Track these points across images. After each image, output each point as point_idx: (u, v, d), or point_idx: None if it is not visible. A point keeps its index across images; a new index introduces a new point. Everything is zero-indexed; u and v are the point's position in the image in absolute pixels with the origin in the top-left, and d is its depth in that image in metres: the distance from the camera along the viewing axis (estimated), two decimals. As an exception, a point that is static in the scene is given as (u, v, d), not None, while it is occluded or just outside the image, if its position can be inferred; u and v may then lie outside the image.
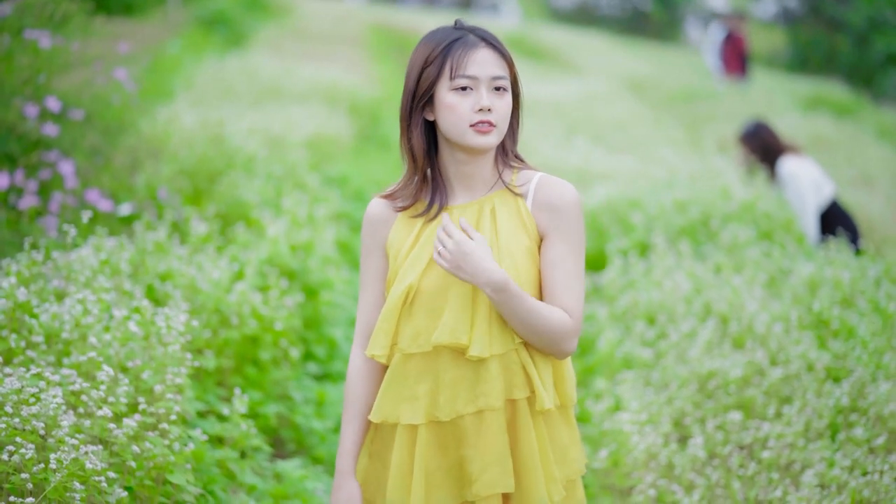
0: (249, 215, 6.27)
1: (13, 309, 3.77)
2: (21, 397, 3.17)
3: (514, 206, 2.77)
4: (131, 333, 3.81)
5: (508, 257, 2.70)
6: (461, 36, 2.74)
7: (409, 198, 2.81)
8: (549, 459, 2.74)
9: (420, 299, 2.74)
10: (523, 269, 2.71)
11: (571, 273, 2.72)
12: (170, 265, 4.72)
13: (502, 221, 2.75)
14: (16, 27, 6.44)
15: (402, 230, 2.81)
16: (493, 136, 2.71)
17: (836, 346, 4.82)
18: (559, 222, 2.73)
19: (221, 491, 3.85)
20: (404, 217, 2.82)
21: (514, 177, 2.81)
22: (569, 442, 2.81)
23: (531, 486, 2.72)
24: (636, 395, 4.67)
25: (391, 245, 2.82)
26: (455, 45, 2.73)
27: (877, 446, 4.13)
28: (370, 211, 2.87)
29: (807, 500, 3.79)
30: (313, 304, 5.74)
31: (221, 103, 9.53)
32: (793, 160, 7.59)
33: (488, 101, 2.69)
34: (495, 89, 2.72)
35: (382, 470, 2.81)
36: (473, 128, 2.70)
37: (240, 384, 4.64)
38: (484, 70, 2.70)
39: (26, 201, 5.74)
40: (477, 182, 2.79)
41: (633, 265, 6.21)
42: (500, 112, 2.72)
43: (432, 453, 2.74)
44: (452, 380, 2.71)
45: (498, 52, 2.74)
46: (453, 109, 2.70)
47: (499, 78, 2.71)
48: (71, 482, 3.02)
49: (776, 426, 4.22)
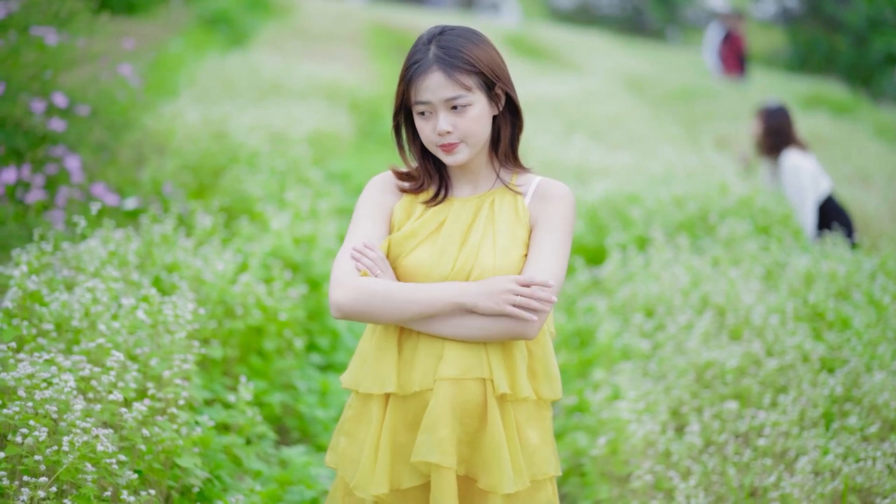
0: (253, 209, 6.35)
1: (23, 298, 3.85)
2: (33, 382, 3.24)
3: (512, 202, 2.88)
4: (139, 322, 3.89)
5: (501, 249, 2.80)
6: (422, 57, 2.79)
7: (417, 185, 2.91)
8: (516, 449, 2.80)
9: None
10: (513, 260, 2.80)
11: (549, 250, 2.79)
12: (176, 257, 4.80)
13: (499, 215, 2.85)
14: (22, 24, 6.51)
15: (405, 209, 2.90)
16: (461, 152, 2.80)
17: (830, 337, 4.90)
18: (547, 212, 2.84)
19: (228, 476, 3.92)
20: (408, 197, 2.92)
21: (514, 178, 2.91)
22: (539, 443, 2.86)
23: (491, 469, 2.77)
24: (634, 385, 4.74)
25: (396, 216, 2.90)
26: (413, 68, 2.80)
27: (870, 434, 4.20)
28: (381, 178, 2.95)
29: (801, 486, 3.86)
30: (316, 296, 5.82)
31: (224, 100, 9.61)
32: (797, 154, 7.64)
33: (445, 124, 2.76)
34: (453, 108, 2.77)
35: (358, 448, 2.87)
36: (440, 148, 2.80)
37: (245, 373, 4.71)
38: (436, 94, 2.76)
39: (33, 195, 5.82)
40: (478, 177, 2.91)
41: (631, 259, 6.29)
42: (463, 129, 2.77)
43: (401, 427, 2.82)
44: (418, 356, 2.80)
45: (450, 70, 2.76)
46: (421, 131, 2.82)
47: (452, 99, 2.76)
48: (83, 464, 3.08)
49: (772, 415, 4.28)
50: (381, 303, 2.73)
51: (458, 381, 2.77)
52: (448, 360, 2.77)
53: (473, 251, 2.80)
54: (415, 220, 2.87)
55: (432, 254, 2.82)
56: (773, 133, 7.71)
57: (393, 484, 2.82)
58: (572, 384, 5.47)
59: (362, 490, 2.80)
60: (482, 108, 2.80)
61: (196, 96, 9.63)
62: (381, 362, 2.82)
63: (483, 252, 2.80)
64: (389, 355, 2.82)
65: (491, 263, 2.78)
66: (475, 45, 2.81)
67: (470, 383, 2.78)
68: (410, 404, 2.81)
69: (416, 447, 2.77)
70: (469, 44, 2.80)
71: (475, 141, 2.81)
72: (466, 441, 2.81)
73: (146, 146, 7.19)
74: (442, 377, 2.77)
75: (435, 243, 2.83)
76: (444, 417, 2.76)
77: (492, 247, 2.80)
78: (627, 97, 14.81)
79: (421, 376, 2.79)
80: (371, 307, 2.74)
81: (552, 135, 10.50)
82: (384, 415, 2.83)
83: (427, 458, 2.75)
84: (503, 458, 2.77)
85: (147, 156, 7.05)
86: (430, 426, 2.76)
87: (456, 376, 2.77)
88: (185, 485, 3.64)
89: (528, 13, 34.48)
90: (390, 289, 2.74)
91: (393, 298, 2.73)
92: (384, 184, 2.93)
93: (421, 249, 2.83)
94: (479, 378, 2.78)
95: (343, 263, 2.79)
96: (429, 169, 2.91)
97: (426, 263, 2.81)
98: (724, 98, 15.08)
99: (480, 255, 2.79)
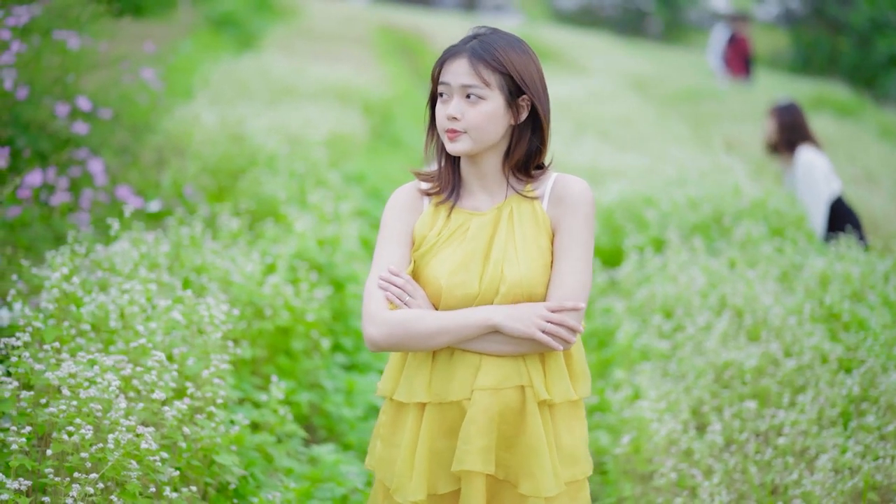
0: (277, 211, 6.44)
1: (59, 299, 3.94)
2: (77, 381, 3.32)
3: (530, 209, 2.87)
4: (175, 322, 3.97)
5: (525, 261, 2.80)
6: (460, 46, 2.83)
7: (436, 185, 2.93)
8: (553, 452, 2.82)
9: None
10: (539, 271, 2.80)
11: (570, 261, 2.80)
12: (204, 259, 4.88)
13: (520, 226, 2.84)
14: (45, 28, 6.59)
15: (427, 223, 2.90)
16: (462, 142, 2.81)
17: (847, 337, 4.98)
18: (568, 215, 2.84)
19: (261, 473, 4.01)
20: (432, 206, 2.93)
21: (528, 184, 2.90)
22: (576, 443, 2.88)
23: (537, 474, 2.79)
24: (654, 385, 4.81)
25: (417, 232, 2.90)
26: (447, 52, 2.84)
27: (887, 433, 4.26)
28: (400, 197, 2.95)
29: (822, 483, 3.92)
30: (340, 297, 5.91)
31: (238, 102, 9.69)
32: (811, 151, 7.69)
33: (455, 109, 2.79)
34: (467, 97, 2.79)
35: (394, 453, 2.90)
36: (446, 133, 2.82)
37: (273, 373, 4.80)
38: (455, 78, 2.79)
39: (58, 198, 5.90)
40: (490, 182, 2.90)
41: (648, 260, 6.36)
42: (470, 120, 2.78)
43: (437, 435, 2.84)
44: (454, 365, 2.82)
45: (476, 61, 2.78)
46: (437, 114, 2.85)
47: (469, 87, 2.78)
48: (127, 461, 3.15)
49: (791, 414, 4.35)
50: (413, 337, 2.77)
51: (497, 391, 2.80)
52: (486, 370, 2.80)
53: (498, 267, 2.80)
54: (437, 234, 2.88)
55: (459, 272, 2.82)
56: (788, 129, 7.71)
57: (430, 490, 2.86)
58: (593, 384, 5.54)
59: (400, 496, 2.84)
60: (496, 107, 2.79)
61: (211, 98, 9.71)
62: (415, 372, 2.86)
63: (508, 267, 2.80)
64: (424, 365, 2.85)
65: (517, 277, 2.79)
66: (513, 49, 2.81)
67: (508, 391, 2.81)
68: (447, 412, 2.84)
69: (456, 456, 2.80)
70: (507, 46, 2.81)
71: (479, 136, 2.80)
72: (504, 445, 2.83)
73: (166, 149, 7.28)
74: (480, 387, 2.79)
75: (459, 261, 2.83)
76: (482, 427, 2.79)
77: (515, 260, 2.80)
78: (633, 98, 14.89)
79: (459, 386, 2.81)
80: (403, 341, 2.78)
81: (561, 136, 10.58)
82: (420, 422, 2.85)
83: (469, 467, 2.78)
84: (544, 462, 2.79)
85: (168, 158, 7.14)
86: (470, 436, 2.78)
87: (494, 386, 2.79)
88: (222, 482, 3.73)
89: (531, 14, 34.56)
90: (420, 321, 2.77)
91: (423, 332, 2.77)
92: (405, 201, 2.94)
93: (445, 267, 2.83)
94: (517, 386, 2.82)
95: (373, 294, 2.83)
96: (447, 167, 2.92)
97: (454, 283, 2.81)
98: (729, 99, 15.15)
99: (505, 271, 2.79)
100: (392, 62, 18.46)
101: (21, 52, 5.97)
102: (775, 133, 7.77)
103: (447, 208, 2.90)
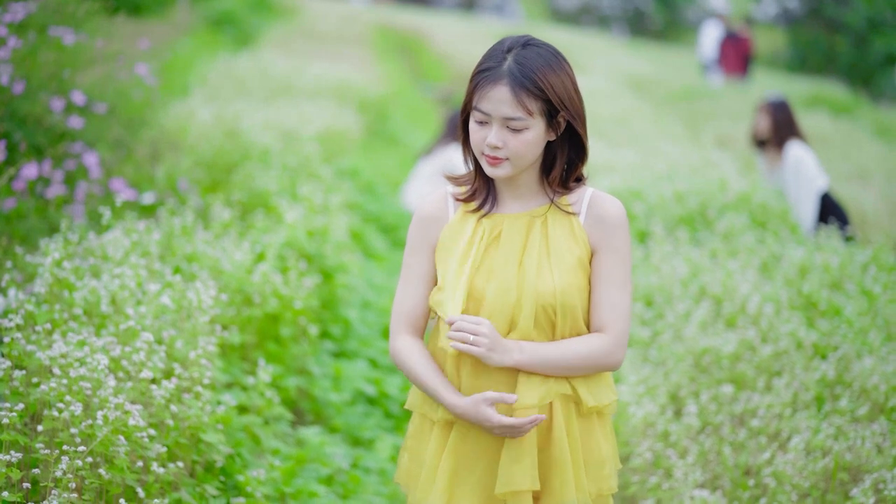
0: (268, 203, 6.56)
1: (52, 285, 4.06)
2: (67, 361, 3.44)
3: (566, 223, 2.83)
4: (164, 307, 4.09)
5: (558, 269, 2.78)
6: (495, 65, 2.74)
7: (469, 191, 2.89)
8: (580, 465, 2.79)
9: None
10: (574, 280, 2.78)
11: (617, 286, 2.80)
12: (195, 247, 5.00)
13: (554, 235, 2.81)
14: (41, 25, 6.70)
15: (455, 231, 2.87)
16: (504, 168, 2.77)
17: (823, 325, 5.09)
18: (609, 238, 2.82)
19: (248, 453, 4.13)
20: (460, 213, 2.89)
21: (564, 197, 2.86)
22: (606, 457, 2.85)
23: (560, 488, 2.77)
24: (635, 370, 4.93)
25: (442, 242, 2.87)
26: (484, 75, 2.75)
27: (860, 416, 4.37)
28: (424, 209, 2.91)
29: (793, 463, 4.02)
30: (329, 286, 6.04)
31: (235, 99, 9.82)
32: (801, 146, 7.80)
33: (496, 138, 2.73)
34: (508, 126, 2.74)
35: (418, 465, 2.89)
36: (485, 157, 2.77)
37: (262, 359, 4.91)
38: (497, 109, 2.72)
39: (53, 190, 6.00)
40: (523, 190, 2.86)
41: (632, 251, 6.47)
42: (512, 148, 2.74)
43: (463, 450, 2.81)
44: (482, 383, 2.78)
45: (518, 90, 2.71)
46: (473, 135, 2.79)
47: (511, 119, 2.72)
48: (116, 437, 3.26)
49: (766, 398, 4.45)
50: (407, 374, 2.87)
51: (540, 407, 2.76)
52: (526, 386, 2.76)
53: (532, 275, 2.77)
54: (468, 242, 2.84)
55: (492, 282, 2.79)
56: (782, 126, 7.85)
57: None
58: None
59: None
60: (538, 133, 2.75)
61: (207, 96, 9.84)
62: None
63: (542, 276, 2.77)
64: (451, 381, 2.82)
65: (551, 287, 2.76)
66: (552, 69, 2.74)
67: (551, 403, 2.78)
68: (474, 427, 2.79)
69: (503, 478, 2.75)
70: (546, 67, 2.74)
71: (521, 162, 2.77)
72: None
73: (161, 143, 7.40)
74: (525, 405, 2.74)
75: (491, 271, 2.80)
76: (528, 445, 2.76)
77: (549, 269, 2.78)
78: (630, 97, 15.00)
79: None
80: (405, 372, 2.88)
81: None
82: (446, 438, 2.83)
83: (518, 487, 2.75)
84: (566, 476, 2.77)
85: (162, 153, 7.26)
86: (517, 456, 2.75)
87: (537, 403, 2.75)
88: (209, 460, 3.84)
89: (530, 14, 34.68)
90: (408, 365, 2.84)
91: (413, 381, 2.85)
92: (427, 216, 2.90)
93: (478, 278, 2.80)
94: (562, 395, 2.79)
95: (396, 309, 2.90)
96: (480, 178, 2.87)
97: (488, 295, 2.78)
98: (725, 98, 15.26)
99: (539, 280, 2.77)
100: (391, 61, 18.59)
101: (17, 47, 6.08)
102: (769, 130, 7.88)
103: (478, 215, 2.87)
